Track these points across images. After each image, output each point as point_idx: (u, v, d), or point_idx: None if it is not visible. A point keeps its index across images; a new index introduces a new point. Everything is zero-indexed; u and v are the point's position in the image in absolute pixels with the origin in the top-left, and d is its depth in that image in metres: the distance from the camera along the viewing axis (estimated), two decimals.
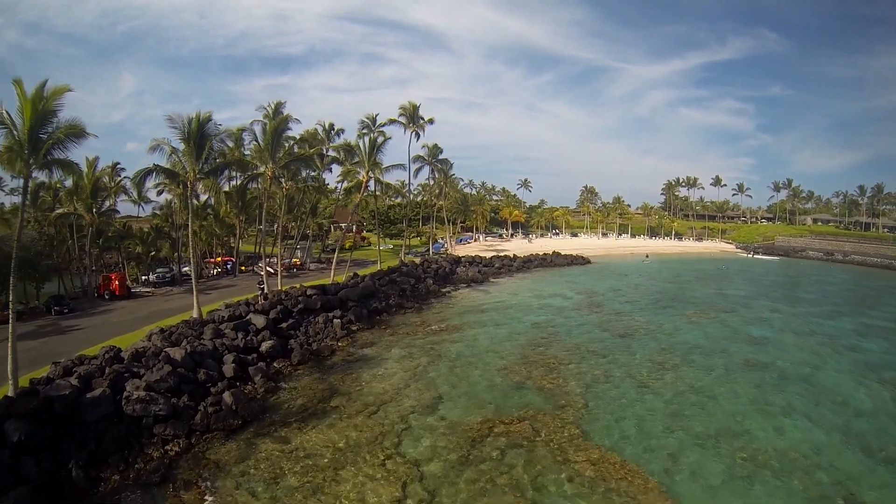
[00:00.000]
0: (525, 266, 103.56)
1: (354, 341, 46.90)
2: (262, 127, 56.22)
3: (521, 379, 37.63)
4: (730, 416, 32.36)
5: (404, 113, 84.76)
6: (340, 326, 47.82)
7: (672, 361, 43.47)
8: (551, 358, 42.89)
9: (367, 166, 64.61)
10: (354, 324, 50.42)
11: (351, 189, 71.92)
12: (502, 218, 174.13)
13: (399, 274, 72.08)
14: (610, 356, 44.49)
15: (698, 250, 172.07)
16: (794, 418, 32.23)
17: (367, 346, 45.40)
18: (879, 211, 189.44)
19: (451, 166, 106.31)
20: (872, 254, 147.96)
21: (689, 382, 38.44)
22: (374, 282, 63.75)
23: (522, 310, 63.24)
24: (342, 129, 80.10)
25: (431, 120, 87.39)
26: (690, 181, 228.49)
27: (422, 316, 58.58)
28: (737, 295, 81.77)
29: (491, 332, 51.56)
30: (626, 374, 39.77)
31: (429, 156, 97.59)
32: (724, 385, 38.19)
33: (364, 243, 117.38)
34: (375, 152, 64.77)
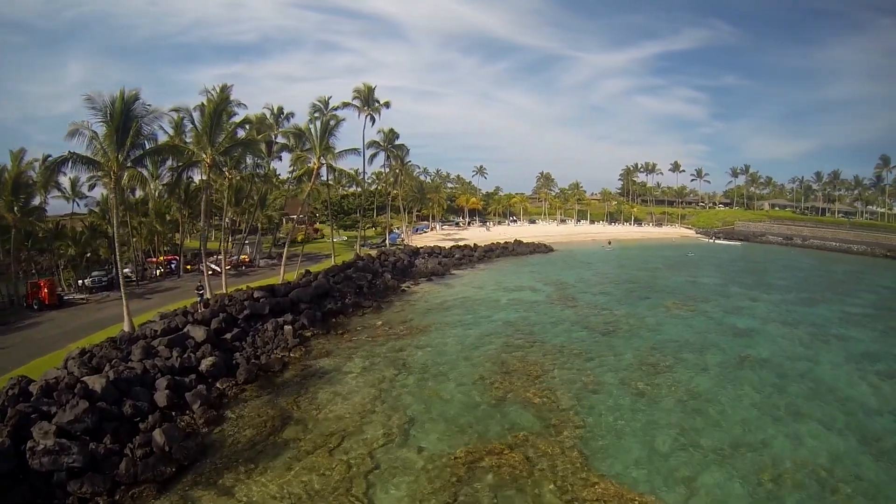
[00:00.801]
0: (486, 256, 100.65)
1: (309, 351, 41.59)
2: (200, 109, 49.52)
3: (502, 393, 33.41)
4: (739, 426, 29.94)
5: (358, 96, 79.83)
6: (292, 334, 42.96)
7: (664, 362, 40.82)
8: (532, 364, 39.04)
9: (318, 151, 59.98)
10: (308, 329, 45.77)
11: (301, 177, 66.78)
12: (459, 206, 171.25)
13: (355, 269, 67.45)
14: (597, 359, 41.25)
15: (659, 236, 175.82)
16: (804, 423, 30.62)
17: (323, 357, 40.12)
18: (834, 196, 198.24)
19: (408, 152, 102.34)
20: (831, 238, 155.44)
21: (686, 387, 35.86)
22: (328, 279, 59.15)
23: (491, 306, 59.40)
24: (292, 114, 74.80)
25: (388, 103, 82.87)
26: (649, 167, 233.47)
27: (382, 316, 53.60)
28: (710, 283, 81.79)
29: (460, 334, 47.11)
30: (617, 381, 36.56)
31: (384, 141, 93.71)
32: (725, 388, 35.99)
33: (317, 236, 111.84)
34: (327, 136, 60.28)
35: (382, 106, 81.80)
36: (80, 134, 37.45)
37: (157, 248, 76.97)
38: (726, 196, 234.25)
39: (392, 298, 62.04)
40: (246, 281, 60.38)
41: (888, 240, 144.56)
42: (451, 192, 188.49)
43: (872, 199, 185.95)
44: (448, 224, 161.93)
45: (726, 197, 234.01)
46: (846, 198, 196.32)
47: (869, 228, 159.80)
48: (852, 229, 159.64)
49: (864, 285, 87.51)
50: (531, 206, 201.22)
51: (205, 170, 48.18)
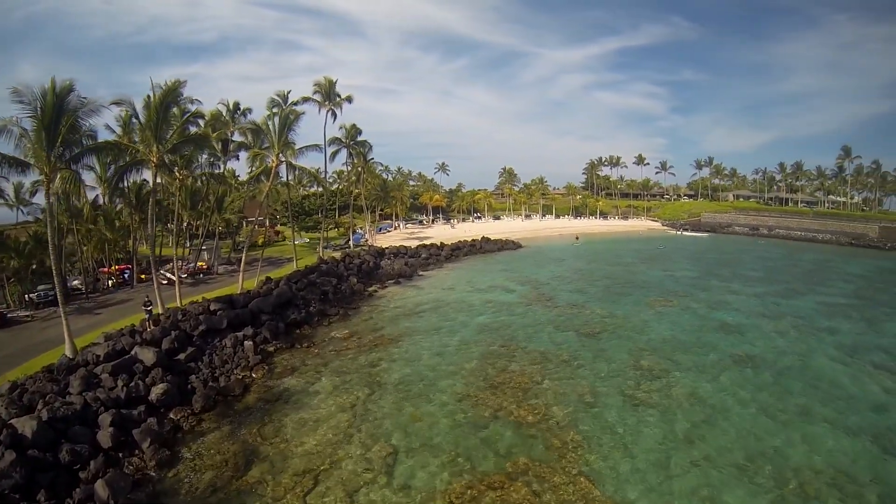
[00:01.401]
0: (454, 254, 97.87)
1: (272, 368, 37.65)
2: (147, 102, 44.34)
3: (491, 412, 30.31)
4: (749, 434, 28.52)
5: (319, 90, 75.81)
6: (253, 350, 39.40)
7: (658, 366, 38.81)
8: (518, 375, 36.22)
9: (276, 148, 56.09)
10: (270, 343, 42.50)
11: (259, 176, 62.51)
12: (422, 203, 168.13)
13: (318, 274, 63.84)
14: (587, 365, 38.82)
15: (626, 229, 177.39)
16: (814, 424, 29.82)
17: (288, 375, 36.25)
18: (797, 187, 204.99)
19: (370, 149, 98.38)
20: (796, 227, 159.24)
21: (686, 392, 34.09)
22: (291, 286, 55.42)
23: (465, 309, 56.19)
24: (249, 109, 69.82)
25: (350, 98, 79.09)
26: (613, 160, 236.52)
27: (350, 325, 49.80)
28: (686, 276, 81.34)
29: (435, 342, 43.85)
30: (613, 390, 34.23)
31: (346, 137, 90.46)
32: (726, 391, 34.61)
33: (278, 238, 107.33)
34: (286, 132, 56.49)
35: (344, 101, 78.01)
36: (7, 131, 32.78)
37: (108, 257, 71.60)
38: (690, 188, 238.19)
39: (359, 304, 58.51)
40: (204, 290, 56.88)
41: (852, 228, 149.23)
42: (414, 189, 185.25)
43: (833, 189, 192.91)
44: (412, 222, 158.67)
45: (690, 189, 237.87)
46: (807, 188, 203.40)
47: (832, 217, 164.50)
48: (816, 218, 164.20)
49: (835, 274, 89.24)
50: (496, 203, 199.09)
51: (152, 169, 43.44)
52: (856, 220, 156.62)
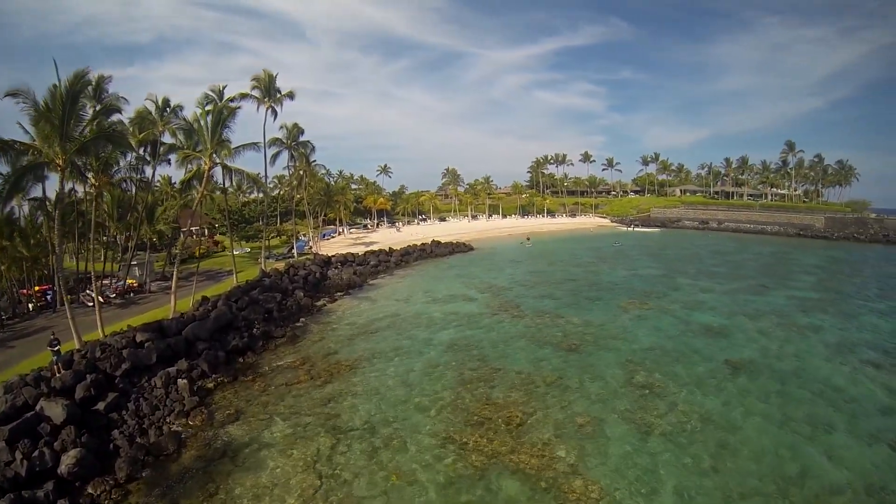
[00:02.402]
0: (404, 260, 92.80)
1: (212, 412, 30.84)
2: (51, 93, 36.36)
3: (484, 459, 25.24)
4: (770, 454, 26.27)
5: (258, 85, 68.33)
6: (189, 389, 32.72)
7: (653, 382, 35.60)
8: (504, 405, 31.47)
9: (209, 147, 49.21)
10: (209, 377, 36.32)
11: (192, 181, 55.48)
12: (366, 207, 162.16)
13: (261, 289, 57.18)
14: (577, 387, 34.70)
15: (575, 226, 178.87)
16: (831, 435, 28.45)
17: (232, 421, 29.64)
18: (742, 181, 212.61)
19: (313, 150, 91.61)
20: (745, 221, 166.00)
21: (691, 410, 31.15)
22: (231, 306, 48.81)
23: (426, 324, 50.95)
24: (180, 106, 60.49)
25: (291, 93, 71.89)
26: (559, 158, 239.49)
27: (299, 348, 43.46)
28: (652, 275, 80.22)
29: (400, 367, 38.26)
30: (614, 416, 30.36)
31: (288, 138, 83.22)
32: (731, 405, 32.21)
33: (218, 249, 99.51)
34: (221, 129, 49.60)
35: (285, 97, 70.83)
36: None
37: (30, 277, 62.59)
38: (636, 184, 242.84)
39: (308, 322, 52.15)
40: (134, 312, 50.45)
41: (799, 220, 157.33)
42: (357, 193, 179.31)
43: (776, 182, 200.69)
44: (356, 227, 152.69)
45: (636, 185, 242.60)
46: (751, 181, 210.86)
47: (778, 210, 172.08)
48: (763, 211, 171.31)
49: (795, 266, 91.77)
50: (441, 204, 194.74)
51: (58, 174, 36.02)
52: (801, 212, 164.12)
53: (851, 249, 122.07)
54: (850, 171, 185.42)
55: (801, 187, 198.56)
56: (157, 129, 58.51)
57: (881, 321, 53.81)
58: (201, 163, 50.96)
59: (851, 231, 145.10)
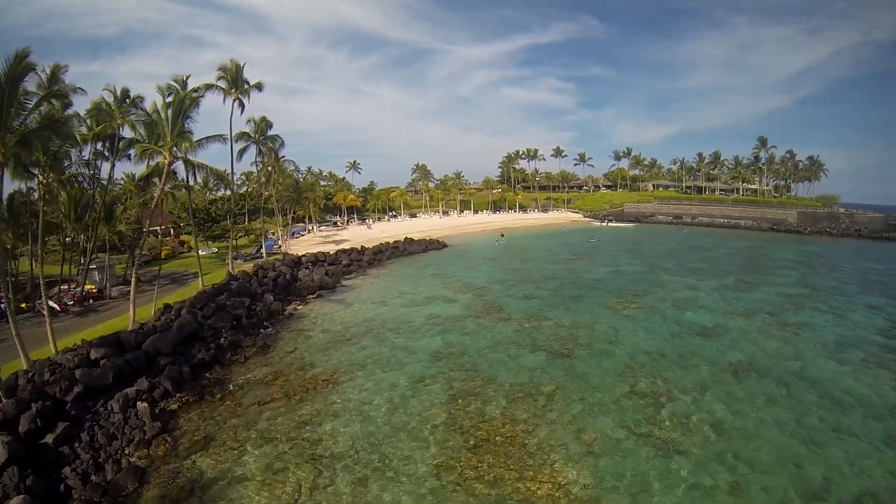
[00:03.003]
0: (377, 259, 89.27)
1: (177, 439, 27.14)
2: None
3: (487, 488, 22.37)
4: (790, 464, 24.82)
5: (225, 75, 64.04)
6: (150, 413, 29.12)
7: (656, 389, 33.58)
8: (501, 423, 28.70)
9: (170, 139, 44.47)
10: (173, 398, 32.54)
11: (151, 176, 50.98)
12: (335, 204, 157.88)
13: (229, 294, 53.27)
14: (578, 399, 32.17)
15: (548, 222, 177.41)
16: (847, 440, 27.24)
17: (199, 450, 26.00)
18: (714, 175, 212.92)
19: (282, 144, 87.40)
20: (719, 215, 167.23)
21: (701, 419, 29.29)
22: (195, 313, 44.83)
23: (406, 329, 47.69)
24: (140, 97, 55.38)
25: (259, 85, 67.83)
26: (531, 153, 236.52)
27: (271, 360, 39.70)
28: (633, 271, 78.71)
29: (382, 382, 34.84)
30: (624, 431, 27.94)
31: (256, 132, 79.05)
32: (741, 413, 30.43)
33: (184, 249, 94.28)
34: (183, 120, 45.32)
35: (253, 88, 66.65)
36: None
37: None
38: (608, 179, 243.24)
39: (279, 328, 48.30)
40: (93, 321, 46.20)
41: (772, 214, 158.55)
42: (327, 189, 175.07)
43: (747, 177, 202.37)
44: (325, 224, 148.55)
45: (608, 180, 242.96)
46: (721, 176, 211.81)
47: (751, 205, 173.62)
48: (736, 206, 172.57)
49: (773, 261, 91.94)
50: (411, 200, 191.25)
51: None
52: (774, 207, 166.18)
53: (825, 244, 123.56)
54: (820, 167, 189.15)
55: (772, 182, 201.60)
56: (115, 122, 53.85)
57: (870, 317, 53.33)
58: (161, 157, 46.59)
59: (824, 226, 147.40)
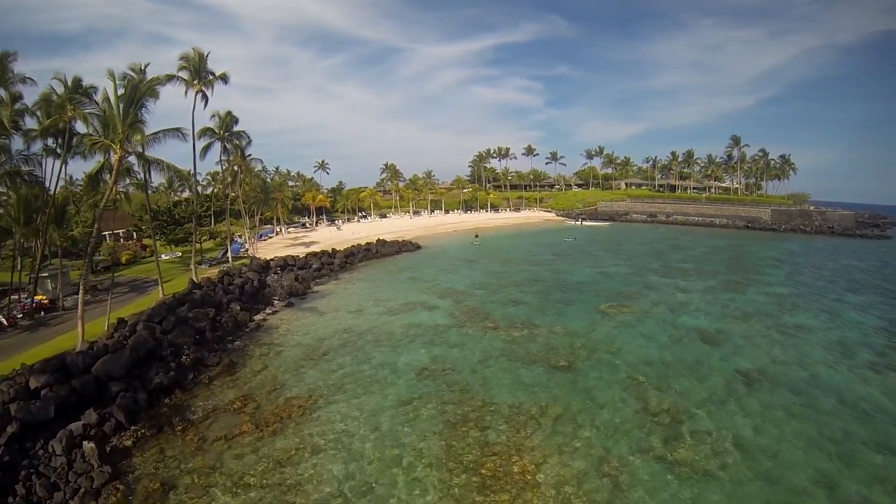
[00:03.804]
0: (348, 262, 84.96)
1: (131, 488, 22.43)
2: None
3: None
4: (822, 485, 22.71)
5: (187, 65, 58.63)
6: (98, 455, 24.13)
7: (669, 405, 30.77)
8: (506, 453, 25.12)
9: (121, 131, 39.29)
10: (126, 430, 27.86)
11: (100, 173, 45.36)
12: (304, 204, 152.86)
13: (191, 304, 48.31)
14: (588, 419, 29.01)
15: (521, 221, 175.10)
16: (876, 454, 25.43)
17: (156, 502, 21.41)
18: (687, 174, 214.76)
19: (250, 142, 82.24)
20: (693, 213, 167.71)
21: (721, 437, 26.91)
22: (153, 328, 39.81)
23: (385, 342, 43.54)
24: (94, 87, 49.55)
25: (224, 76, 62.59)
26: (502, 152, 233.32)
27: (239, 381, 35.05)
28: (619, 273, 76.36)
29: (365, 407, 30.71)
30: (643, 455, 25.01)
31: (220, 128, 73.49)
32: (760, 428, 28.11)
33: (147, 254, 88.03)
34: (136, 109, 40.23)
35: (218, 79, 61.37)
36: None
37: None
38: (579, 177, 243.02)
39: (247, 342, 43.67)
40: (43, 336, 41.04)
41: (746, 212, 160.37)
42: (295, 190, 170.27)
43: (719, 176, 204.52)
44: (294, 226, 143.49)
45: (580, 178, 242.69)
46: (693, 174, 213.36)
47: (724, 203, 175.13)
48: (710, 204, 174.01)
49: (757, 260, 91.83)
50: (381, 200, 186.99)
51: None
52: (748, 205, 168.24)
53: (801, 241, 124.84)
54: (790, 165, 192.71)
55: (743, 180, 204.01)
56: (65, 115, 48.18)
57: (864, 317, 52.88)
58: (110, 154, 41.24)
59: (797, 223, 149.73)
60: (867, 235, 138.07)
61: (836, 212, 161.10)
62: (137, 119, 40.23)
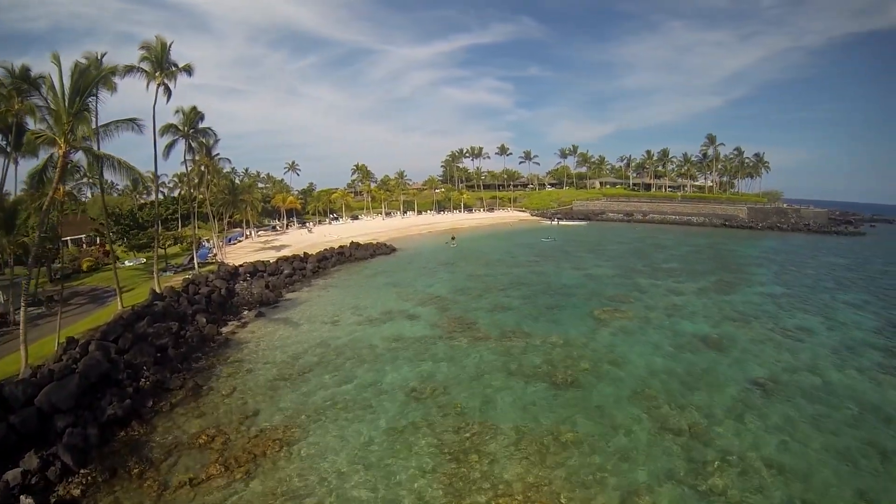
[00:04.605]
0: (321, 266, 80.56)
1: None
2: None
3: None
4: None
5: (148, 56, 53.45)
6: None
7: (686, 421, 28.25)
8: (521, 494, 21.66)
9: (65, 122, 33.38)
10: (74, 475, 23.33)
11: (42, 172, 40.14)
12: (274, 206, 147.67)
13: (151, 318, 43.32)
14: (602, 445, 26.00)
15: (495, 221, 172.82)
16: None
17: None
18: (662, 172, 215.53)
19: (217, 141, 77.36)
20: (670, 212, 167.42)
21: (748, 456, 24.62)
22: (108, 348, 35.00)
23: (367, 358, 39.51)
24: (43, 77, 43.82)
25: (189, 67, 57.32)
26: (475, 151, 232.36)
27: (205, 408, 30.51)
28: (605, 274, 73.81)
29: (351, 439, 26.72)
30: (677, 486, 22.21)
31: (184, 124, 67.77)
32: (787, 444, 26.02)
33: (110, 260, 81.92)
34: (85, 98, 35.13)
35: (182, 71, 56.24)
36: None
37: None
38: (553, 177, 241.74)
39: (214, 360, 38.94)
40: None
41: (723, 210, 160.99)
42: (265, 191, 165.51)
43: (693, 174, 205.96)
44: (264, 229, 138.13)
45: (553, 177, 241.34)
46: (668, 173, 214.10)
47: (700, 201, 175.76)
48: (687, 202, 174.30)
49: (741, 258, 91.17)
50: (353, 201, 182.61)
51: None
52: (724, 203, 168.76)
53: (780, 239, 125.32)
54: (764, 163, 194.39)
55: (718, 178, 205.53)
56: (12, 108, 42.95)
57: (860, 317, 52.15)
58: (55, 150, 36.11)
59: (774, 221, 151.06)
60: (842, 232, 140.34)
61: (810, 209, 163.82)
62: (84, 108, 35.31)
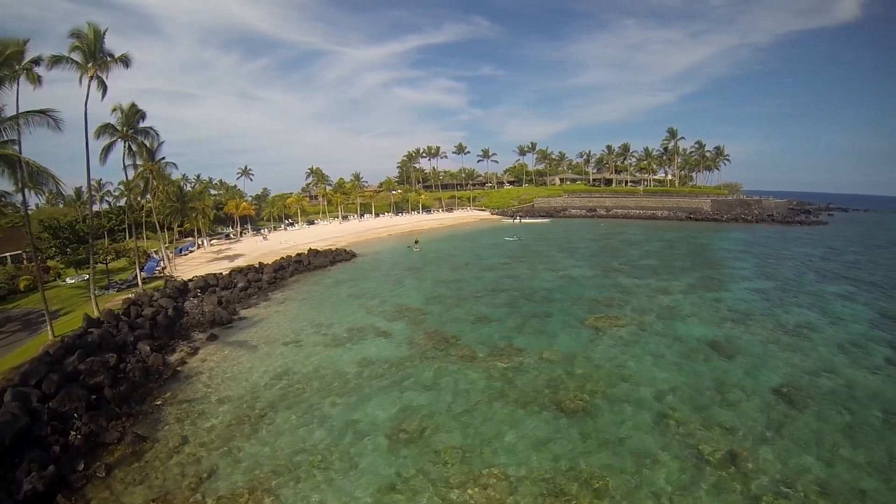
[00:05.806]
0: (279, 277, 73.63)
1: None
2: None
3: None
4: None
5: (80, 45, 46.48)
6: None
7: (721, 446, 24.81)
8: None
9: None
10: None
11: None
12: (227, 213, 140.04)
13: (84, 350, 36.75)
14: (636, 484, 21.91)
15: (455, 221, 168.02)
16: None
17: None
18: (622, 167, 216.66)
19: (161, 144, 70.03)
20: (633, 206, 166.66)
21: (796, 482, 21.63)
22: (28, 396, 28.64)
23: (339, 389, 33.65)
24: None
25: (125, 58, 49.76)
26: (432, 151, 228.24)
27: (149, 468, 24.18)
28: (584, 275, 69.97)
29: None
30: None
31: (123, 124, 59.67)
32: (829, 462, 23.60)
33: (51, 277, 73.46)
34: None
35: (118, 62, 48.85)
36: None
37: None
38: (511, 174, 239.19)
39: (160, 399, 32.37)
40: None
41: (687, 203, 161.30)
42: (217, 198, 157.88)
43: (653, 169, 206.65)
44: (217, 237, 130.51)
45: (511, 175, 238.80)
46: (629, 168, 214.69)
47: (663, 195, 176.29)
48: (650, 196, 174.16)
49: (717, 252, 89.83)
50: (309, 206, 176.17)
51: None
52: (687, 196, 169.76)
53: (746, 230, 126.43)
54: (723, 156, 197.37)
55: (679, 172, 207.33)
56: None
57: (853, 309, 50.98)
58: None
59: (738, 213, 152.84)
60: (805, 222, 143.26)
61: (770, 200, 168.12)
62: None
